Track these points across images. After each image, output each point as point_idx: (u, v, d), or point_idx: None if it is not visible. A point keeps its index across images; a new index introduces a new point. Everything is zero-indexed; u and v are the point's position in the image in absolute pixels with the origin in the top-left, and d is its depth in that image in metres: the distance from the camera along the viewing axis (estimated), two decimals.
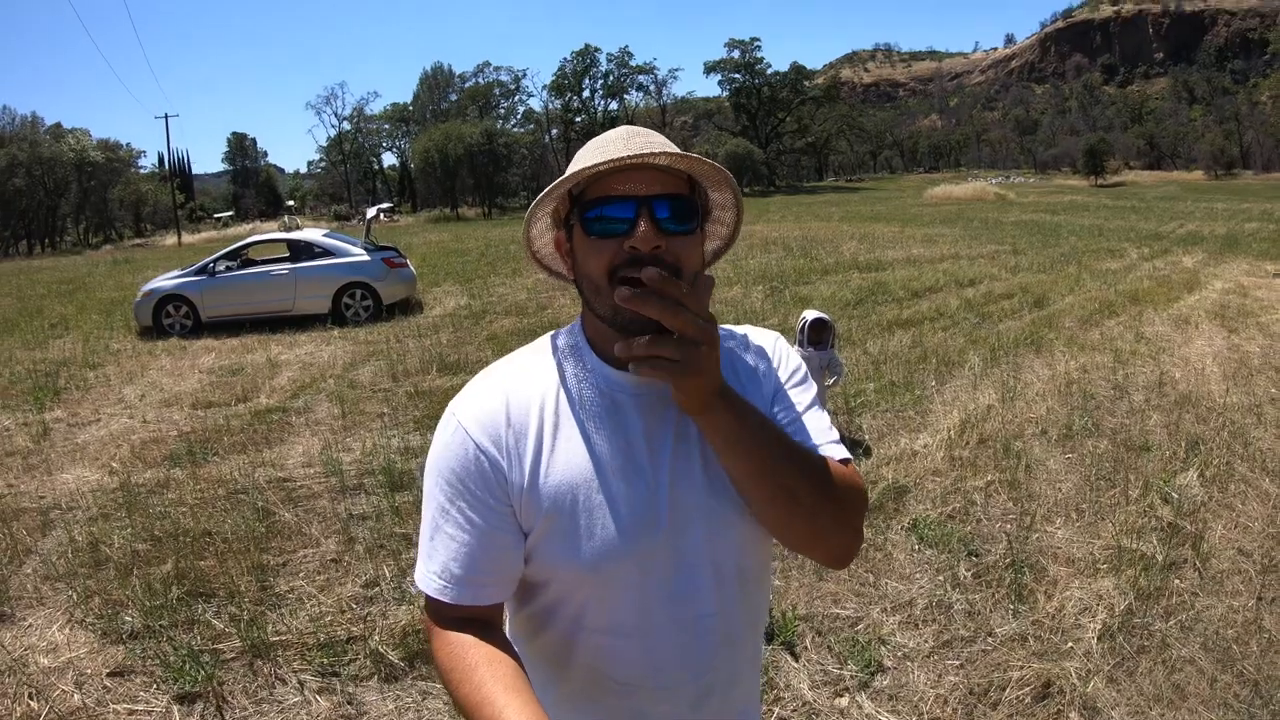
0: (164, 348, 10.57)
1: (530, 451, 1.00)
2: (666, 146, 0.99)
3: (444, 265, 18.81)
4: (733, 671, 1.11)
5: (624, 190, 0.96)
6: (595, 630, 1.04)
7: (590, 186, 0.99)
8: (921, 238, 21.26)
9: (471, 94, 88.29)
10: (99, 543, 4.34)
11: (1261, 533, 4.13)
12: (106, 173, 61.25)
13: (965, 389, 6.74)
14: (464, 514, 1.00)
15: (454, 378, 7.79)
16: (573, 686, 1.08)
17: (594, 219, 0.97)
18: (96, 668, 3.26)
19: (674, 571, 1.02)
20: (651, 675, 1.04)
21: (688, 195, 1.00)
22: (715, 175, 1.04)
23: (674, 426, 1.04)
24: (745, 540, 1.07)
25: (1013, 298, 11.26)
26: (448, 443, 1.02)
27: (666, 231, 0.96)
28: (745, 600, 1.10)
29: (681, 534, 1.02)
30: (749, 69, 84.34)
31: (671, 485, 1.02)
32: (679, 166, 1.00)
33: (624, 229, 0.95)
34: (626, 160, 0.94)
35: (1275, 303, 10.84)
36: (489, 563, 1.01)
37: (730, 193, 1.09)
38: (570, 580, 1.02)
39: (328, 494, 4.99)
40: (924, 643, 3.22)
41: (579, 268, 1.02)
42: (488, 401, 1.03)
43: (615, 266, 0.96)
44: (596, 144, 1.02)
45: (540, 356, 1.09)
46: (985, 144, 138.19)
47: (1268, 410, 6.08)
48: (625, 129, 1.03)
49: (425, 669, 3.16)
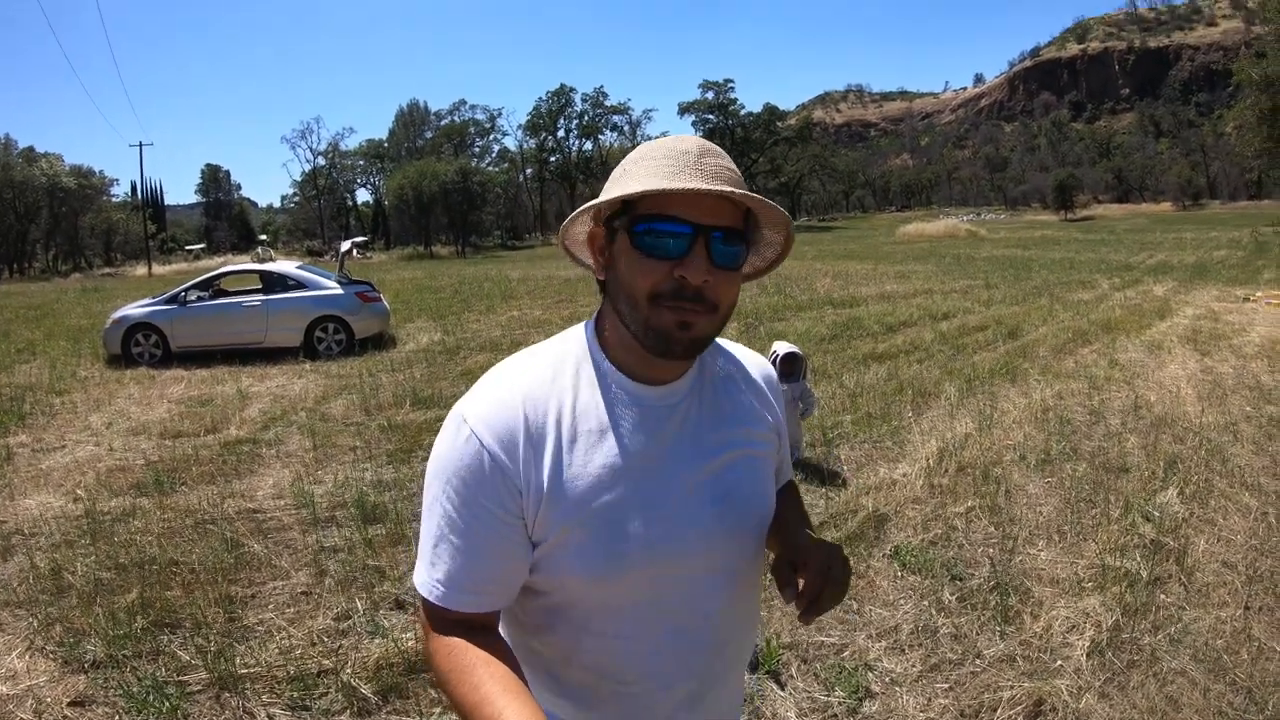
0: (132, 376, 10.36)
1: (549, 464, 0.98)
2: (736, 176, 0.97)
3: (417, 301, 18.75)
4: (725, 672, 1.14)
5: (684, 213, 0.93)
6: (599, 634, 1.03)
7: (647, 197, 0.95)
8: (895, 274, 21.57)
9: (447, 132, 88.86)
10: (62, 569, 4.21)
11: (1244, 545, 4.18)
12: (78, 199, 60.33)
13: (942, 419, 6.76)
14: (470, 524, 0.97)
15: (428, 412, 7.70)
16: (572, 685, 1.07)
17: (646, 234, 0.95)
18: (57, 696, 3.14)
19: (679, 582, 1.04)
20: (651, 676, 1.05)
21: (742, 229, 0.98)
22: (776, 217, 1.02)
23: (687, 440, 1.05)
24: (746, 550, 1.10)
25: (987, 330, 11.40)
26: (460, 449, 0.98)
27: (716, 262, 0.94)
28: (742, 604, 1.12)
29: (690, 547, 1.03)
30: (723, 110, 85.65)
31: (684, 499, 1.02)
32: (749, 205, 0.98)
33: (676, 253, 0.93)
34: (702, 191, 0.91)
35: (1246, 326, 11.10)
36: (493, 572, 0.99)
37: (783, 234, 1.08)
38: (580, 588, 1.01)
39: (298, 526, 4.87)
40: (911, 667, 3.18)
41: (619, 276, 0.99)
42: (503, 408, 0.99)
43: (661, 292, 0.94)
44: (663, 153, 0.97)
45: (555, 359, 1.06)
46: (956, 182, 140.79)
47: (1243, 427, 6.19)
48: (696, 142, 0.99)
49: (399, 703, 3.06)
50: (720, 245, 0.94)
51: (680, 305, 0.94)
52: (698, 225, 0.93)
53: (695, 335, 0.96)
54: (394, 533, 4.62)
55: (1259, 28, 20.13)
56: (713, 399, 1.09)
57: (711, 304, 0.96)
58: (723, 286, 0.96)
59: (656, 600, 1.03)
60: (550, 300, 17.72)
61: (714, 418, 1.08)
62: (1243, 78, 16.50)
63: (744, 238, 0.99)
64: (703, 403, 1.08)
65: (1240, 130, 20.02)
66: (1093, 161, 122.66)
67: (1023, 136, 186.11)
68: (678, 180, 0.92)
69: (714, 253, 0.94)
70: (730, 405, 1.11)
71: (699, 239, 0.93)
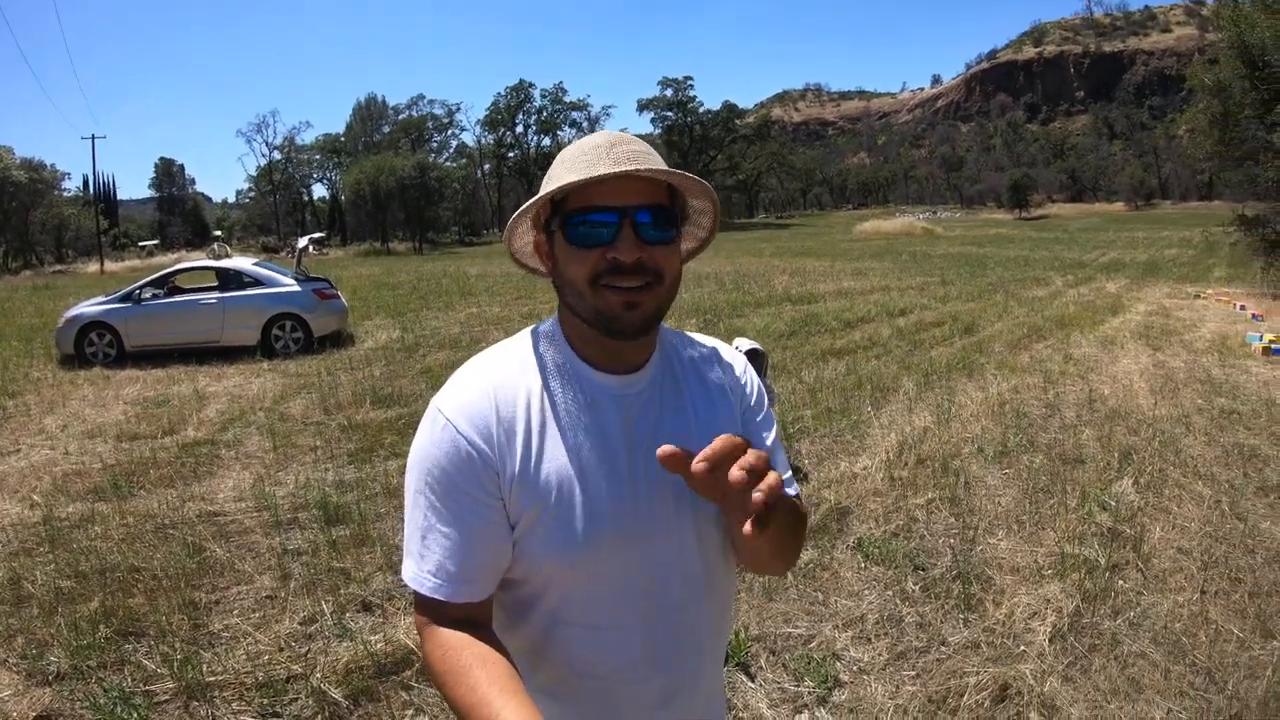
0: (86, 377, 10.11)
1: (520, 447, 1.01)
2: (650, 157, 1.04)
3: (375, 298, 18.54)
4: (698, 671, 1.14)
5: (606, 200, 0.99)
6: (570, 624, 1.05)
7: (572, 194, 1.01)
8: (852, 271, 21.83)
9: (405, 126, 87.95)
10: (20, 579, 4.10)
11: (1199, 531, 4.31)
12: (29, 194, 58.05)
13: (901, 413, 6.87)
14: (455, 511, 1.00)
15: (388, 410, 7.63)
16: (547, 678, 1.08)
17: (577, 226, 1.00)
18: (22, 711, 3.06)
19: (647, 570, 1.05)
20: (622, 669, 1.07)
21: (667, 205, 1.04)
22: (696, 187, 1.08)
23: (651, 429, 1.07)
24: (717, 543, 1.12)
25: (943, 325, 11.60)
26: (437, 440, 1.02)
27: (647, 240, 1.00)
28: (713, 600, 1.13)
29: (656, 534, 1.05)
30: (681, 107, 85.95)
31: (649, 485, 1.05)
32: (661, 179, 1.03)
33: (606, 237, 0.99)
34: (608, 176, 0.97)
35: (1197, 322, 11.44)
36: (483, 558, 1.01)
37: (709, 200, 1.13)
38: (549, 574, 1.04)
39: (261, 529, 4.80)
40: (878, 656, 3.24)
41: (561, 272, 1.04)
42: (476, 398, 1.03)
43: (598, 273, 0.99)
44: (578, 152, 1.04)
45: (522, 352, 1.10)
46: (913, 180, 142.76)
47: (1195, 419, 6.38)
48: (607, 135, 1.05)
49: (370, 707, 3.05)
50: (647, 220, 1.00)
51: (619, 283, 0.98)
52: (621, 209, 0.98)
53: (643, 313, 1.01)
54: (358, 534, 4.58)
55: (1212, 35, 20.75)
56: (676, 386, 1.12)
57: (655, 273, 1.00)
58: (660, 257, 1.01)
59: (627, 590, 1.04)
60: (509, 297, 17.63)
61: (678, 404, 1.11)
62: (1196, 83, 16.91)
63: (671, 213, 1.04)
64: (666, 389, 1.11)
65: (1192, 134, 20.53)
66: (1047, 162, 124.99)
67: (979, 137, 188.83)
68: (591, 171, 0.98)
69: (641, 232, 0.99)
70: (696, 392, 1.14)
71: (624, 221, 0.98)
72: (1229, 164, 16.71)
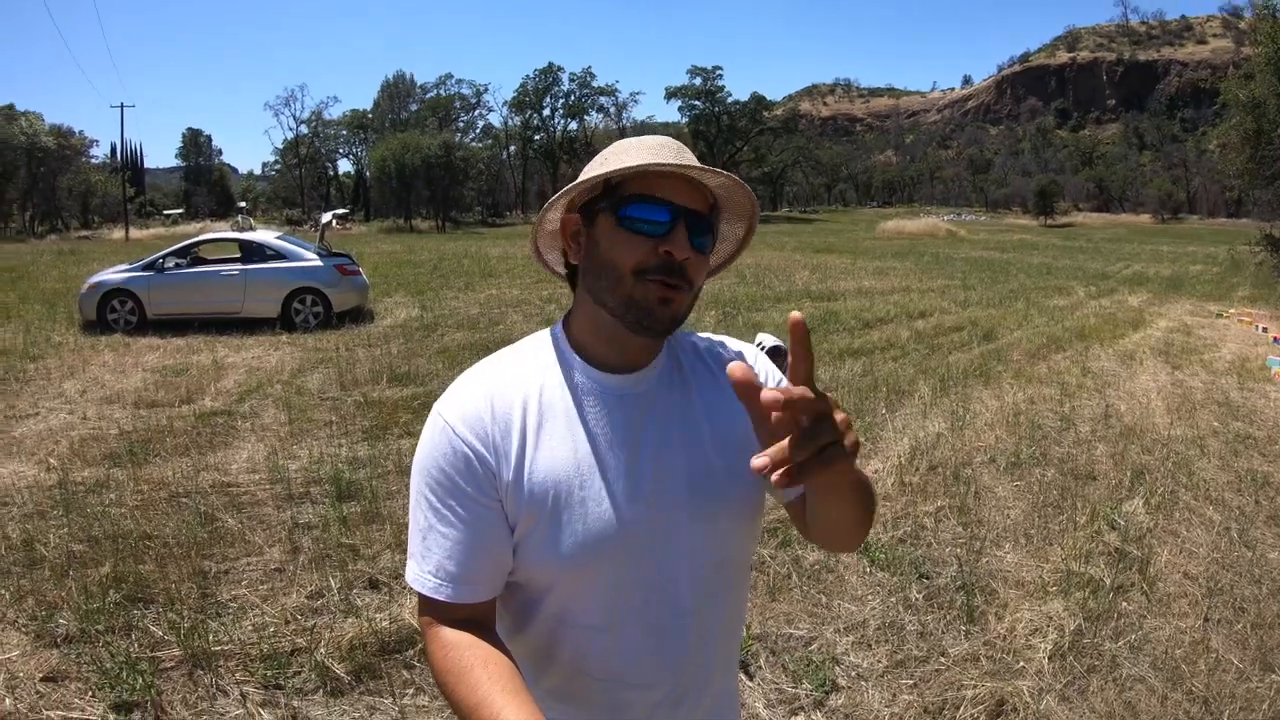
0: (107, 343, 10.24)
1: (515, 447, 1.01)
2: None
3: (396, 276, 18.61)
4: (708, 673, 1.13)
5: (667, 195, 1.00)
6: (575, 626, 1.05)
7: (632, 182, 1.01)
8: (873, 270, 21.69)
9: (432, 105, 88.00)
10: (34, 541, 4.16)
11: (1206, 558, 4.26)
12: (57, 160, 59.00)
13: (915, 417, 6.84)
14: (455, 511, 1.01)
15: (404, 389, 7.68)
16: (554, 682, 1.08)
17: (632, 214, 1.01)
18: (29, 671, 3.11)
19: (653, 570, 1.05)
20: (629, 672, 1.06)
21: (710, 216, 1.06)
22: (746, 209, 1.13)
23: (657, 426, 1.07)
24: (726, 540, 1.10)
25: (962, 330, 11.52)
26: (435, 442, 1.03)
27: (692, 245, 1.01)
28: (723, 601, 1.12)
29: (661, 532, 1.04)
30: (710, 96, 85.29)
31: (653, 483, 1.04)
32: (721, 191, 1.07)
33: (660, 231, 1.00)
34: (686, 170, 0.99)
35: (1218, 341, 11.27)
36: (483, 558, 1.01)
37: (744, 227, 1.17)
38: (551, 575, 1.03)
39: (273, 501, 4.86)
40: (877, 662, 3.24)
41: (600, 255, 1.03)
42: (472, 400, 1.04)
43: (645, 265, 1.00)
44: (643, 144, 1.05)
45: (523, 356, 1.10)
46: (939, 181, 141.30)
47: (1210, 442, 6.29)
48: (669, 140, 1.07)
49: (372, 684, 3.09)
50: (695, 226, 1.02)
51: (665, 280, 0.99)
52: (678, 207, 1.00)
53: (674, 312, 1.02)
54: (369, 510, 4.62)
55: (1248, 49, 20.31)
56: (684, 384, 1.12)
57: (690, 281, 1.02)
58: (696, 265, 1.03)
59: (633, 591, 1.04)
60: (529, 280, 17.63)
61: (686, 403, 1.10)
62: (1229, 98, 16.65)
63: (713, 225, 1.07)
64: (674, 388, 1.10)
65: (1223, 149, 20.14)
66: (1075, 169, 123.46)
67: (1007, 140, 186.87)
68: (666, 161, 0.99)
69: (691, 235, 1.01)
70: (704, 390, 1.13)
71: (680, 219, 1.00)
72: (1259, 182, 16.43)
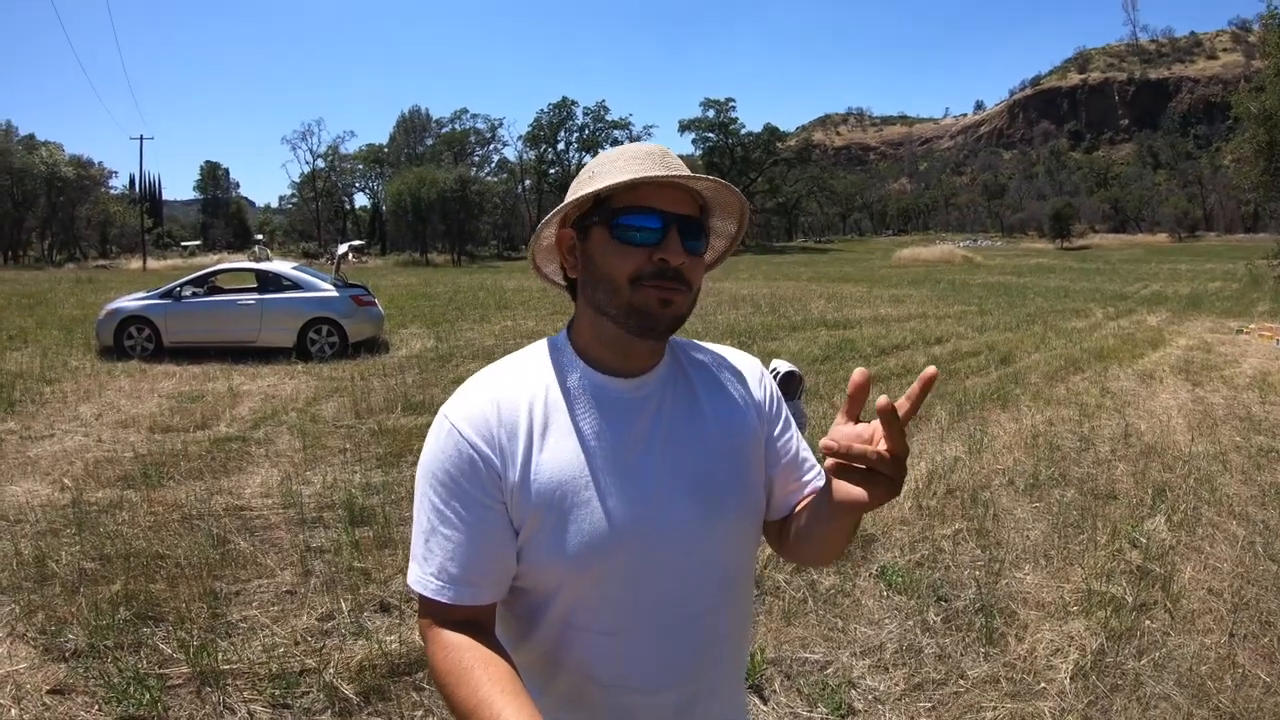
0: (124, 369, 10.34)
1: (521, 449, 1.02)
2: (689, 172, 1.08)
3: (412, 308, 18.75)
4: (717, 679, 1.12)
5: (656, 204, 1.02)
6: (582, 630, 1.04)
7: (621, 194, 1.03)
8: (889, 298, 21.66)
9: (447, 139, 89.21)
10: (46, 557, 4.18)
11: (1231, 573, 4.18)
12: (76, 190, 60.41)
13: (932, 441, 6.78)
14: (459, 514, 1.01)
15: (419, 417, 7.69)
16: (561, 687, 1.07)
17: (625, 225, 1.02)
18: (36, 684, 3.12)
19: (663, 574, 1.04)
20: (637, 677, 1.05)
21: (700, 219, 1.08)
22: (735, 208, 1.15)
23: (661, 430, 1.08)
24: (732, 544, 1.11)
25: (979, 355, 11.43)
26: (441, 444, 1.03)
27: (685, 250, 1.03)
28: (730, 604, 1.12)
29: (672, 537, 1.04)
30: (723, 129, 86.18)
31: (658, 486, 1.04)
32: (709, 193, 1.10)
33: (653, 240, 1.02)
34: (675, 179, 1.02)
35: (1239, 357, 11.16)
36: (485, 561, 1.01)
37: (735, 224, 1.19)
38: (558, 577, 1.03)
39: (285, 525, 4.85)
40: (895, 685, 3.18)
41: (596, 267, 1.06)
42: (478, 403, 1.04)
43: (641, 273, 1.01)
44: (628, 155, 1.07)
45: (528, 362, 1.11)
46: (953, 207, 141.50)
47: (1233, 457, 6.21)
48: (654, 147, 1.10)
49: (381, 705, 3.05)
50: (688, 232, 1.04)
51: (663, 285, 1.01)
52: (669, 214, 1.02)
53: (675, 312, 1.04)
54: (381, 536, 4.61)
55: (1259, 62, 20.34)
56: (688, 389, 1.13)
57: (688, 283, 1.04)
58: (693, 269, 1.04)
59: (642, 595, 1.03)
60: (545, 311, 17.73)
61: (689, 408, 1.11)
62: (1241, 111, 16.70)
63: (704, 228, 1.09)
64: (678, 393, 1.12)
65: (1238, 163, 20.15)
66: (1090, 191, 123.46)
67: (1021, 164, 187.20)
68: (650, 172, 1.01)
69: (684, 239, 1.03)
70: (708, 396, 1.14)
71: (672, 226, 1.02)
72: (1274, 194, 16.33)
